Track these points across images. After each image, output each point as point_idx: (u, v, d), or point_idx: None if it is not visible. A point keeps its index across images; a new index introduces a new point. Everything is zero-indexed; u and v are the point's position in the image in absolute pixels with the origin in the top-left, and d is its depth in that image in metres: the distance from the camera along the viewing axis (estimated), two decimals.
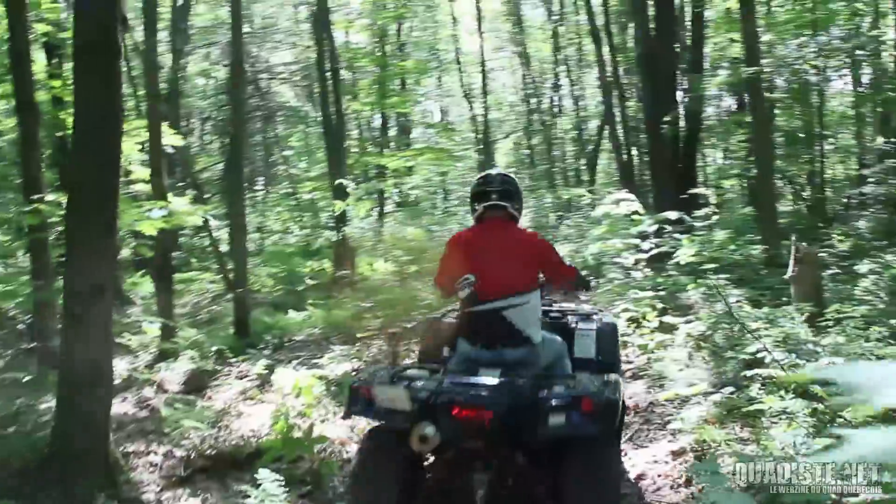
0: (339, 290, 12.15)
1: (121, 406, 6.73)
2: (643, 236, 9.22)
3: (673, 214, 9.10)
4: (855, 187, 17.14)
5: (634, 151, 19.35)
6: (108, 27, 4.29)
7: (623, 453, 4.68)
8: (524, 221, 4.57)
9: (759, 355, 5.44)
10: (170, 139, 9.20)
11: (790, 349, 5.41)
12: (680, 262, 7.57)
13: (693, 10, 14.72)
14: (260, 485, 3.91)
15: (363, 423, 5.69)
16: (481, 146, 29.48)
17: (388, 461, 3.64)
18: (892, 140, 22.61)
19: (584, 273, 4.76)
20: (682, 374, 6.30)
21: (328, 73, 14.49)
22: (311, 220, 21.92)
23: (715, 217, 10.35)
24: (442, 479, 3.86)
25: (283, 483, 4.03)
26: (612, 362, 4.49)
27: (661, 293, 8.70)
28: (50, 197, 6.65)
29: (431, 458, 3.92)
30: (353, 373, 7.28)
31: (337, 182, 11.09)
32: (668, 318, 7.72)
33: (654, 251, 8.61)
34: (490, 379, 3.70)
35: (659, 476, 4.67)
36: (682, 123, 14.16)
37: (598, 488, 3.46)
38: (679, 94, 14.36)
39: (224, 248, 16.18)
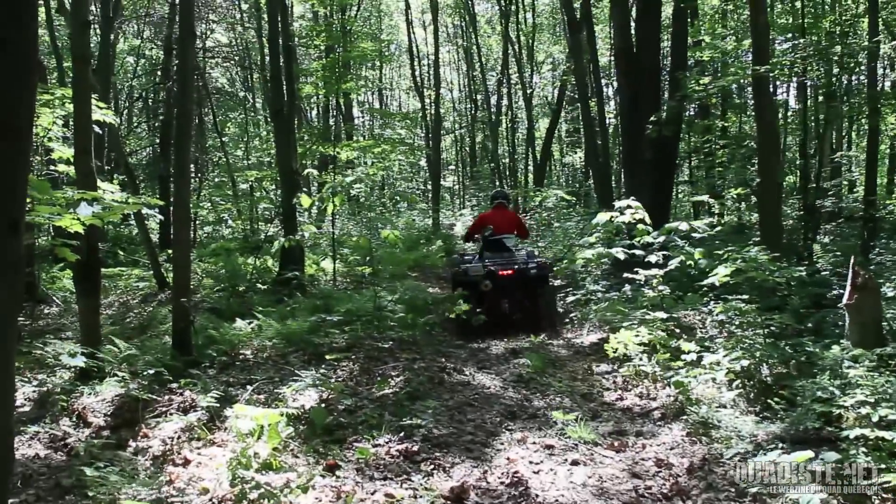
0: (288, 293, 10.77)
1: (28, 446, 5.25)
2: (647, 247, 8.12)
3: (683, 225, 8.00)
4: (807, 199, 16.43)
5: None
6: None
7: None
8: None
9: (861, 410, 4.35)
10: (100, 114, 7.70)
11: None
12: (715, 283, 6.44)
13: (675, 3, 13.69)
14: None
15: (349, 487, 4.45)
16: (429, 139, 28.21)
17: (472, 294, 9.46)
18: (846, 153, 22.21)
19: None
20: (738, 422, 5.16)
21: (280, 52, 12.99)
22: (249, 212, 20.32)
23: (717, 228, 9.35)
24: (491, 303, 9.69)
25: None
26: (536, 258, 10.48)
27: (675, 315, 7.62)
28: None
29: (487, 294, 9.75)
30: (322, 405, 5.93)
31: (306, 171, 9.65)
32: (683, 345, 6.62)
33: (670, 267, 7.49)
34: (508, 261, 9.98)
35: None
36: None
37: (549, 298, 10.16)
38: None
39: (154, 239, 14.54)
